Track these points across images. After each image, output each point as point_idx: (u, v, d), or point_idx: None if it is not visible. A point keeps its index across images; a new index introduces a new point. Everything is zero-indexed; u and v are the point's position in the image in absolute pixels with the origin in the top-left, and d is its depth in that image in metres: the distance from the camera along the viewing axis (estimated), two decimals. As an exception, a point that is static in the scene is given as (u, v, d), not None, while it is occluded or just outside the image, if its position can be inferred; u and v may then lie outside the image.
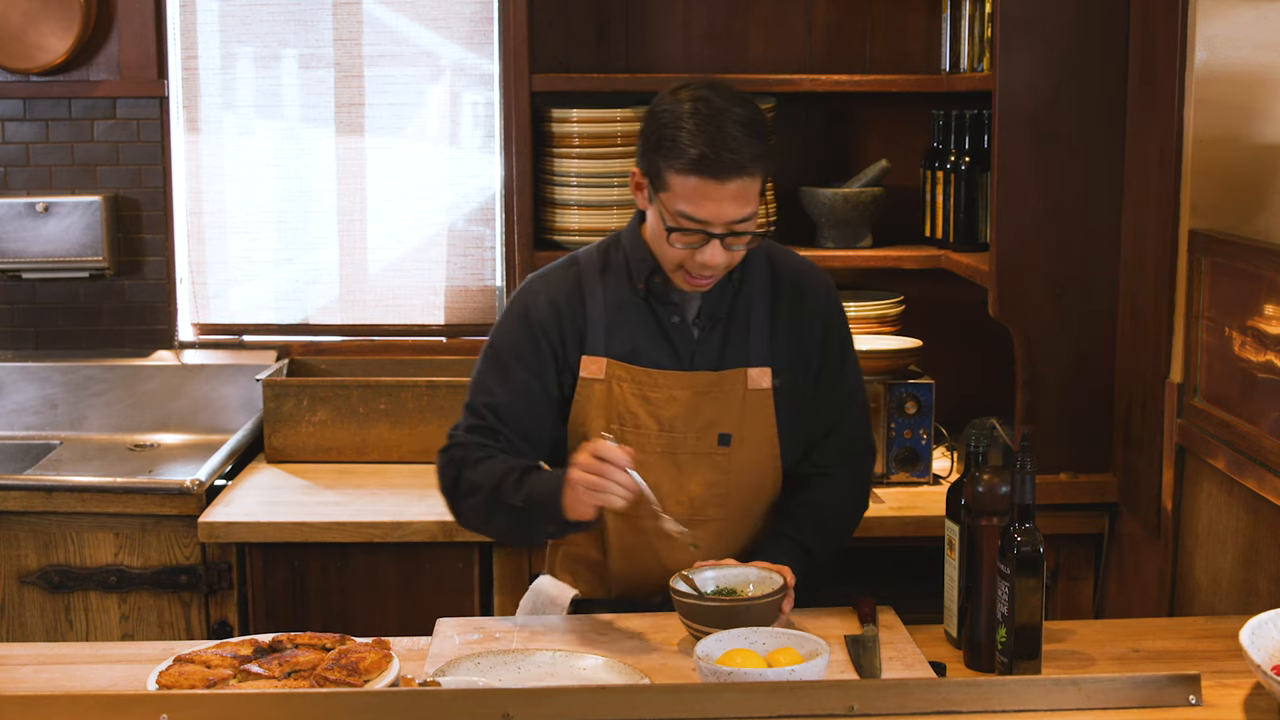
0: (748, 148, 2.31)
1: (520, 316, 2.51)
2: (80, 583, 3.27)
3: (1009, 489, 2.19)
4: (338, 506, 3.24)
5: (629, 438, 2.45)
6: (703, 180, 2.30)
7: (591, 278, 2.51)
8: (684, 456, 2.49)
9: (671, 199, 2.34)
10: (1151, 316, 2.87)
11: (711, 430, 2.48)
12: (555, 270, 2.55)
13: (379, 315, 3.96)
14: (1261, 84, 2.70)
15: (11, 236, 3.82)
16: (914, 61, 3.77)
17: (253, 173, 3.92)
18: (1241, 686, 2.05)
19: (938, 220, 3.55)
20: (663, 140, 2.34)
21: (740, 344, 2.49)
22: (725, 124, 2.30)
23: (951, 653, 2.33)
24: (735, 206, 2.32)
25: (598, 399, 2.48)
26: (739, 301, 2.50)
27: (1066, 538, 3.14)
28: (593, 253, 2.55)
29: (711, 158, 2.28)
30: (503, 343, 2.52)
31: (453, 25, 3.85)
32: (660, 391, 2.47)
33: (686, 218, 2.33)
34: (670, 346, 2.48)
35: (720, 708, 1.89)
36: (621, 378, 2.48)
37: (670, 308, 2.48)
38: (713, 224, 2.33)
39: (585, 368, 2.48)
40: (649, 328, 2.48)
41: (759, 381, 2.49)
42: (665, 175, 2.34)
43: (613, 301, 2.49)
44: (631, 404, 2.47)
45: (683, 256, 2.38)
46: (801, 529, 2.49)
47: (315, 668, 2.09)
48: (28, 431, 3.85)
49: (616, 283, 2.50)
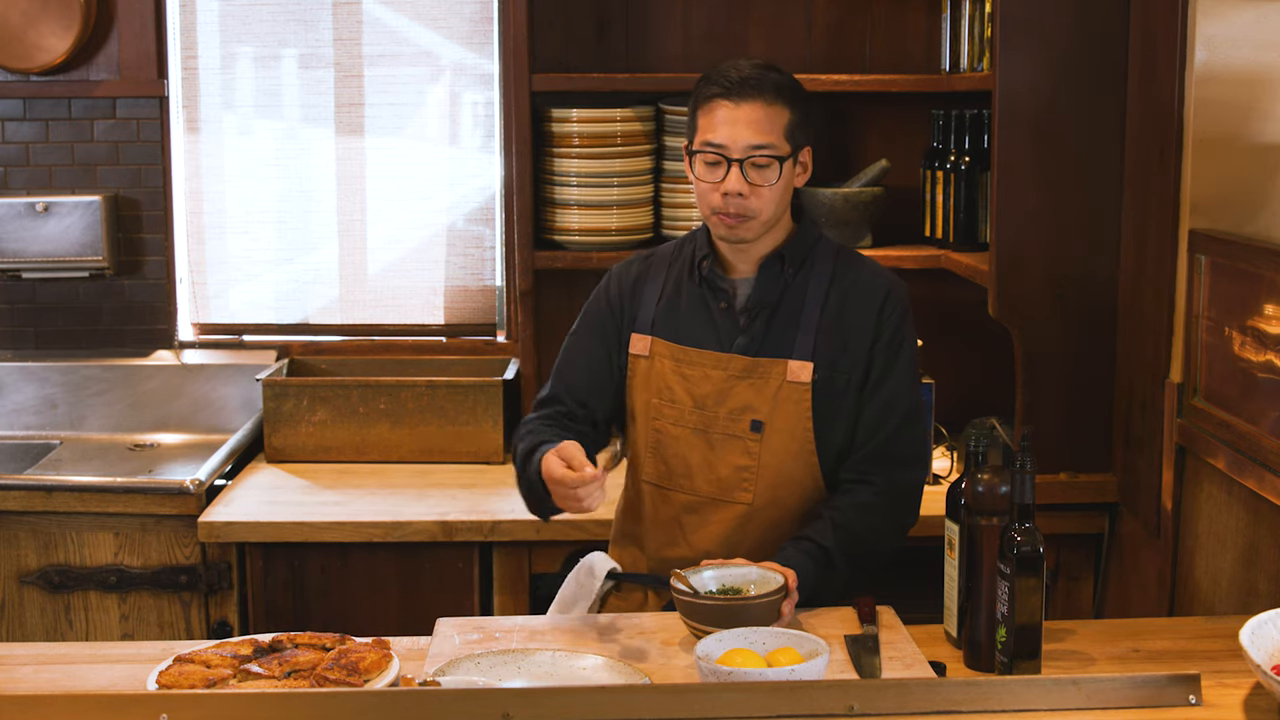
0: (767, 78, 2.49)
1: (597, 296, 2.71)
2: (80, 583, 3.27)
3: (1009, 489, 2.19)
4: (337, 506, 3.25)
5: (665, 411, 2.59)
6: (722, 104, 2.49)
7: (660, 265, 2.68)
8: (716, 436, 2.55)
9: (699, 136, 2.52)
10: (1151, 316, 2.87)
11: (745, 415, 2.54)
12: (635, 259, 2.73)
13: (379, 315, 3.96)
14: (1261, 84, 2.70)
15: (11, 236, 3.82)
16: (914, 61, 3.77)
17: (253, 173, 3.92)
18: (1241, 686, 2.05)
19: (938, 220, 3.55)
20: (697, 94, 2.54)
21: (785, 335, 2.54)
22: (759, 64, 2.52)
23: (951, 653, 2.33)
24: (751, 131, 2.47)
25: (642, 374, 2.61)
26: (790, 293, 2.56)
27: (1066, 538, 3.14)
28: (670, 246, 2.72)
29: (734, 80, 2.49)
30: (584, 317, 2.72)
31: (453, 25, 3.85)
32: (695, 369, 2.56)
33: (708, 144, 2.50)
34: (714, 329, 2.58)
35: (720, 708, 1.89)
36: (663, 354, 2.60)
37: (720, 294, 2.59)
38: (730, 148, 2.47)
39: (634, 345, 2.63)
40: (697, 311, 2.60)
41: (798, 374, 2.52)
42: (696, 119, 2.54)
43: (671, 286, 2.64)
44: (670, 379, 2.58)
45: (710, 192, 2.50)
46: (823, 532, 2.49)
47: (315, 668, 2.09)
48: (28, 431, 3.85)
49: (680, 270, 2.64)
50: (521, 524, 3.15)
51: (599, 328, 2.67)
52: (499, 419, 3.56)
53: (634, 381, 2.63)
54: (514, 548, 3.21)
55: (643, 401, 2.61)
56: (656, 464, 2.60)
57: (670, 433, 2.58)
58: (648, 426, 2.60)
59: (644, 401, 2.61)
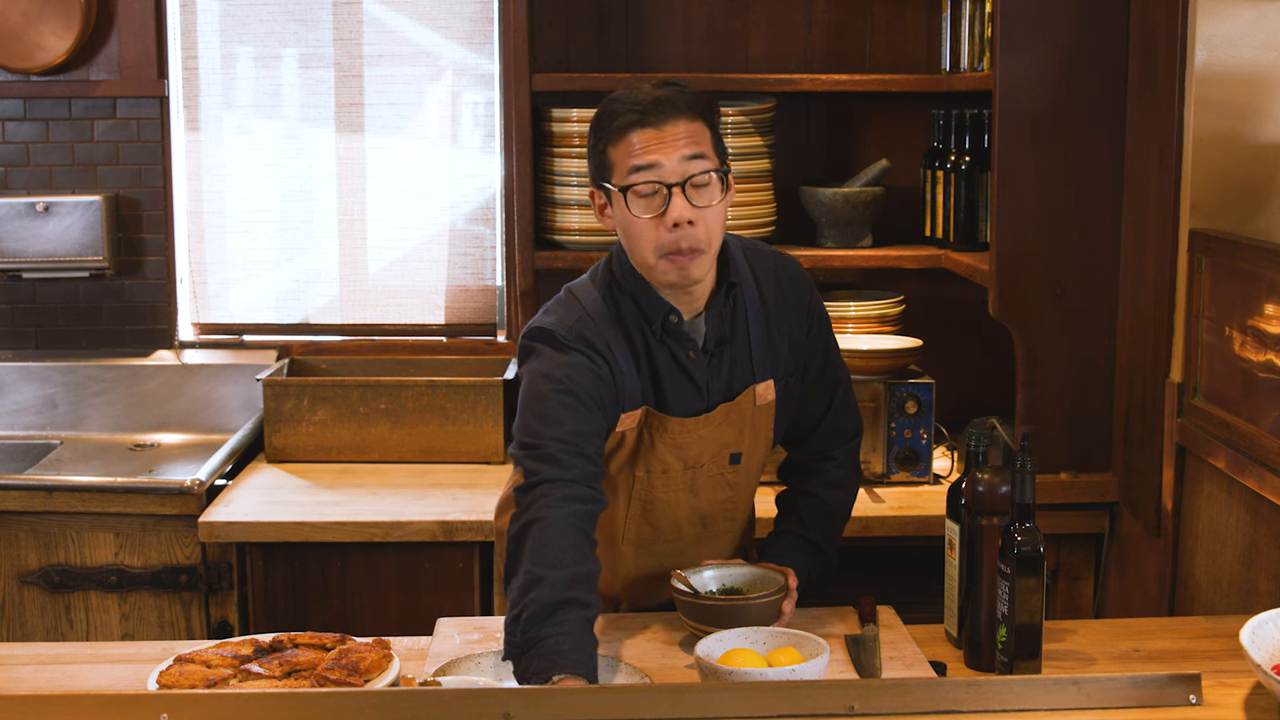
0: (680, 97, 2.26)
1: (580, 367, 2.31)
2: (80, 582, 3.27)
3: (1009, 489, 2.19)
4: (338, 506, 3.24)
5: (657, 482, 2.42)
6: (641, 131, 2.24)
7: (610, 329, 2.36)
8: (701, 482, 2.47)
9: (620, 173, 2.26)
10: (1152, 316, 2.87)
11: (724, 451, 2.46)
12: (576, 324, 2.35)
13: (379, 315, 3.96)
14: (1261, 84, 2.70)
15: (11, 236, 3.82)
16: (914, 61, 3.77)
17: (253, 172, 3.92)
18: (1242, 686, 2.05)
19: (938, 220, 3.55)
20: (599, 128, 2.30)
21: (745, 363, 2.44)
22: (659, 86, 2.28)
23: (952, 652, 2.33)
24: (682, 146, 2.24)
25: (628, 449, 2.41)
26: (736, 316, 2.42)
27: (1066, 537, 3.14)
28: (595, 298, 2.38)
29: (647, 105, 2.24)
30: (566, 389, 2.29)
31: (453, 25, 3.85)
32: (690, 435, 2.41)
33: (637, 169, 2.24)
34: (693, 386, 2.39)
35: (720, 707, 1.89)
36: (655, 426, 2.39)
37: (686, 343, 2.38)
38: (665, 168, 2.23)
39: (622, 423, 2.37)
40: (674, 374, 2.38)
41: (764, 396, 2.46)
42: (608, 156, 2.28)
43: (638, 350, 2.37)
44: (661, 451, 2.41)
45: (654, 232, 2.26)
46: (806, 523, 2.51)
47: (315, 667, 2.09)
48: (28, 431, 3.85)
49: (633, 329, 2.37)
50: (522, 524, 3.15)
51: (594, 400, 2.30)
52: (499, 419, 3.56)
53: (616, 455, 2.41)
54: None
55: (626, 476, 2.42)
56: (641, 528, 2.47)
57: (662, 500, 2.45)
58: (631, 499, 2.44)
59: (628, 476, 2.42)
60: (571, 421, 2.25)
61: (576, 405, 2.27)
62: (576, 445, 2.24)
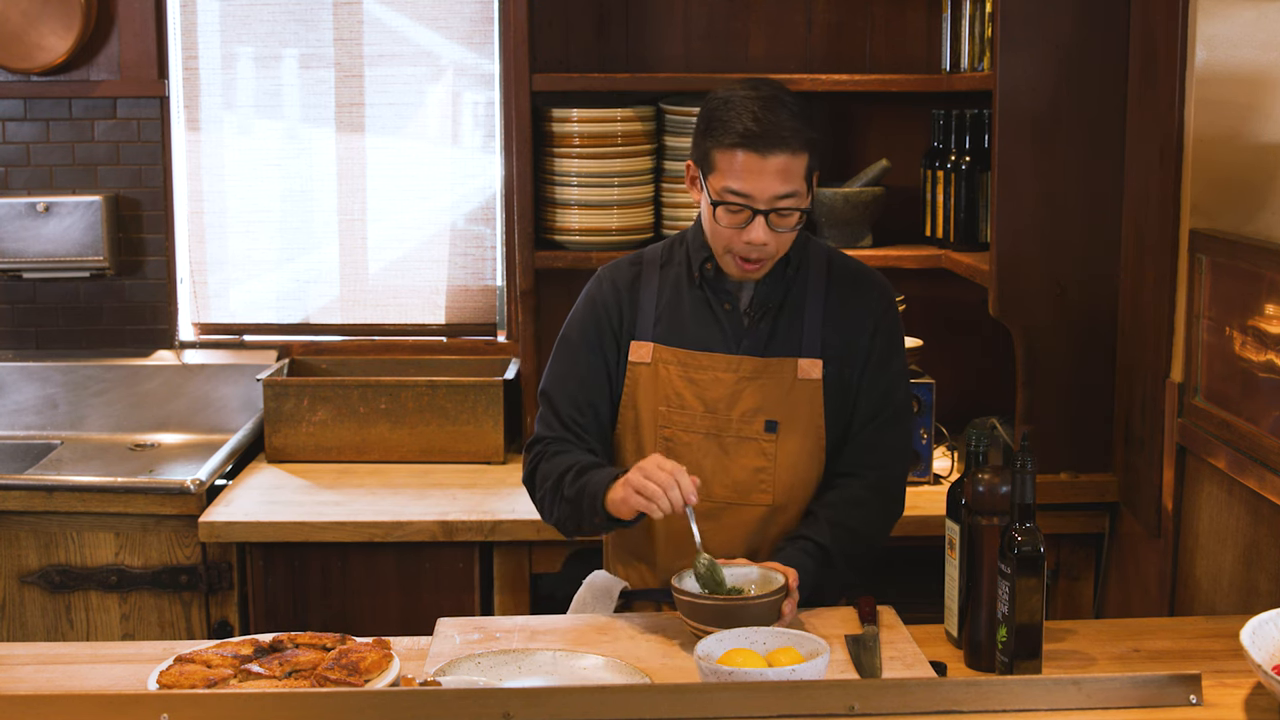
0: (791, 124, 2.39)
1: (588, 301, 2.61)
2: (81, 582, 3.27)
3: (1009, 489, 2.19)
4: (338, 506, 3.25)
5: (675, 418, 2.53)
6: (747, 154, 2.38)
7: (651, 269, 2.60)
8: (729, 440, 2.52)
9: (718, 178, 2.42)
10: (1152, 316, 2.87)
11: (758, 416, 2.51)
12: (622, 262, 2.65)
13: (379, 315, 3.96)
14: (1261, 84, 2.70)
15: (12, 236, 3.82)
16: (914, 61, 3.77)
17: (253, 172, 3.92)
18: (1242, 686, 2.05)
19: (938, 220, 3.55)
20: (712, 123, 2.44)
21: (792, 333, 2.52)
22: (771, 104, 2.40)
23: (952, 652, 2.33)
24: (778, 182, 2.39)
25: (645, 382, 2.55)
26: (793, 291, 2.54)
27: (1066, 538, 3.14)
28: (658, 249, 2.64)
29: (756, 132, 2.38)
30: (572, 328, 2.61)
31: (453, 25, 3.85)
32: (705, 373, 2.52)
33: (732, 193, 2.41)
34: (719, 331, 2.54)
35: (720, 707, 1.89)
36: (668, 360, 2.54)
37: (723, 295, 2.54)
38: (756, 198, 2.40)
39: (634, 352, 2.56)
40: (700, 314, 2.55)
41: (809, 372, 2.51)
42: (713, 156, 2.43)
43: (667, 290, 2.57)
44: (678, 385, 2.53)
45: (730, 237, 2.44)
46: (820, 531, 2.50)
47: (316, 667, 2.09)
48: (28, 431, 3.86)
49: (674, 273, 2.58)
50: (522, 524, 3.15)
51: (594, 338, 2.57)
52: (499, 419, 3.56)
53: (636, 390, 2.56)
54: (514, 547, 3.21)
55: (649, 410, 2.54)
56: None
57: (681, 439, 2.53)
58: (655, 435, 2.54)
59: (650, 410, 2.54)
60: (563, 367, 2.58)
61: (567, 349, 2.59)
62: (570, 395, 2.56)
